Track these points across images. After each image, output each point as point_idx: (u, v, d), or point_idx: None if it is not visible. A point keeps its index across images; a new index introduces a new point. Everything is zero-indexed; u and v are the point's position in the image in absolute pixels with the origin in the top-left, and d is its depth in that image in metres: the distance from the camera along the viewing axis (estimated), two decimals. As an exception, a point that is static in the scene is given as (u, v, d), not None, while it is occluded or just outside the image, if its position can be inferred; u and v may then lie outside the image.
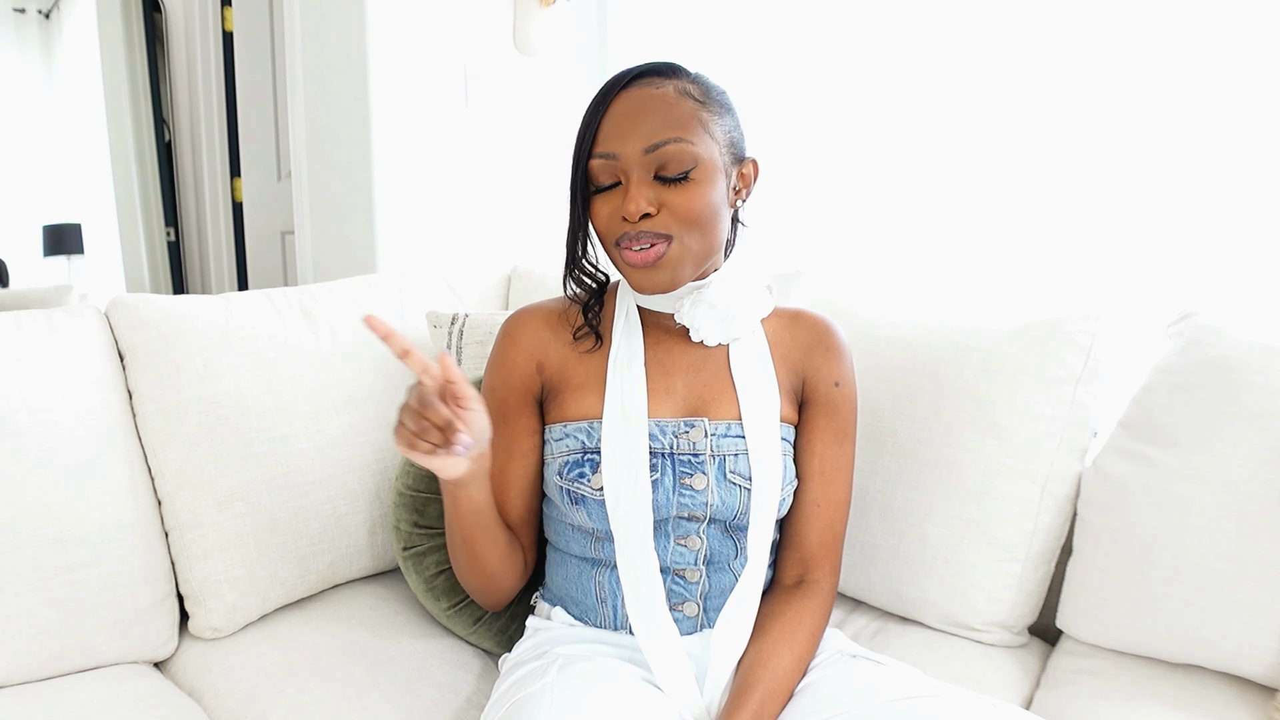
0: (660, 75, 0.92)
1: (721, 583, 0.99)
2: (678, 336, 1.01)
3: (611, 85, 0.92)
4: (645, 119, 0.89)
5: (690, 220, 0.90)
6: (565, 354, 1.01)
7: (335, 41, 2.09)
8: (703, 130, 0.90)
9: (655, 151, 0.89)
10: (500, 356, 1.04)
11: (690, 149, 0.89)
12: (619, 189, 0.91)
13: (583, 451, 0.97)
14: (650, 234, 0.90)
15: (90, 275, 4.37)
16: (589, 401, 0.99)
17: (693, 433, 0.96)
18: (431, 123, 2.11)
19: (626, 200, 0.89)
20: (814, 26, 1.86)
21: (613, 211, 0.91)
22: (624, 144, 0.89)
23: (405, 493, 1.20)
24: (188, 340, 1.24)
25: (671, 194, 0.90)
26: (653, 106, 0.89)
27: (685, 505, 0.95)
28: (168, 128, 3.73)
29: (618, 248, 0.93)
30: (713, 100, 0.93)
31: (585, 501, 0.95)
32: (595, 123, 0.91)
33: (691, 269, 0.93)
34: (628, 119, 0.90)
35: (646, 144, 0.89)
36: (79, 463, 1.14)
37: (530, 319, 1.04)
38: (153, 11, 3.69)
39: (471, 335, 1.40)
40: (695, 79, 0.93)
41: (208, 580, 1.20)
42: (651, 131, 0.89)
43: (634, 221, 0.90)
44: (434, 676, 1.12)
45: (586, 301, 1.02)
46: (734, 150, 0.95)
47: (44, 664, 1.10)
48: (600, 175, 0.92)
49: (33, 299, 3.46)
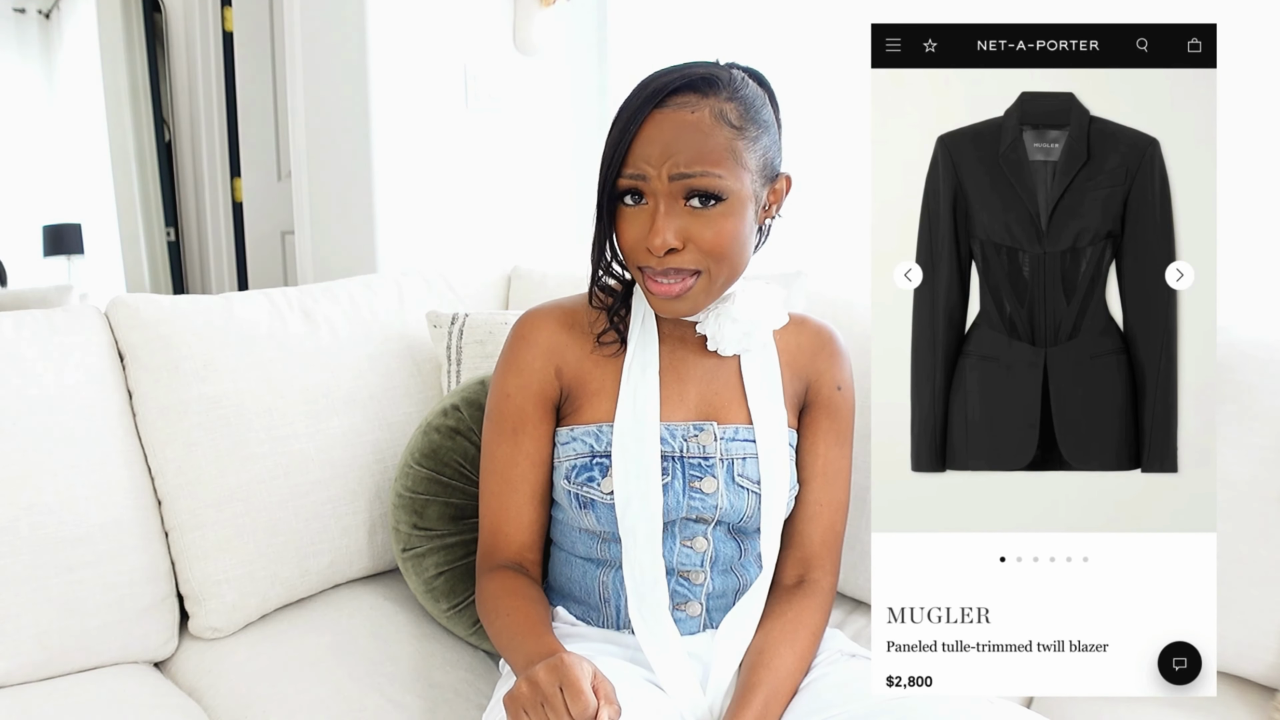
0: (698, 93, 0.87)
1: (725, 585, 0.98)
2: (693, 345, 1.00)
3: (646, 101, 0.87)
4: (677, 147, 0.86)
5: (718, 255, 0.89)
6: (582, 359, 1.00)
7: (335, 41, 2.09)
8: (735, 162, 0.88)
9: (683, 181, 0.87)
10: (516, 360, 1.01)
11: (720, 183, 0.87)
12: (646, 208, 0.89)
13: (591, 455, 0.96)
14: (676, 270, 0.89)
15: (90, 275, 4.37)
16: (602, 407, 0.98)
17: (702, 436, 0.96)
18: (431, 123, 2.11)
19: (652, 233, 0.87)
20: (814, 27, 1.86)
21: (639, 234, 0.89)
22: (652, 168, 0.87)
23: (404, 494, 1.20)
24: (188, 340, 1.24)
25: (699, 224, 0.88)
26: (686, 135, 0.86)
27: (694, 508, 0.95)
28: (168, 128, 3.73)
29: (641, 272, 0.92)
30: (750, 121, 0.89)
31: (595, 505, 0.95)
32: (626, 142, 0.88)
33: (717, 295, 0.93)
34: (658, 145, 0.87)
35: (674, 172, 0.86)
36: (79, 463, 1.14)
37: (546, 320, 1.01)
38: (153, 11, 3.69)
39: (471, 335, 1.40)
40: (735, 94, 0.89)
41: (208, 580, 1.20)
42: (682, 161, 0.86)
43: (659, 256, 0.88)
44: (434, 677, 1.12)
45: (612, 306, 1.00)
46: (767, 172, 0.92)
47: (44, 664, 1.10)
48: (628, 191, 0.90)
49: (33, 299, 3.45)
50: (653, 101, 0.87)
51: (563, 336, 1.00)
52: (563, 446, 0.98)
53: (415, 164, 2.10)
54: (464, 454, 1.18)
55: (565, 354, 1.00)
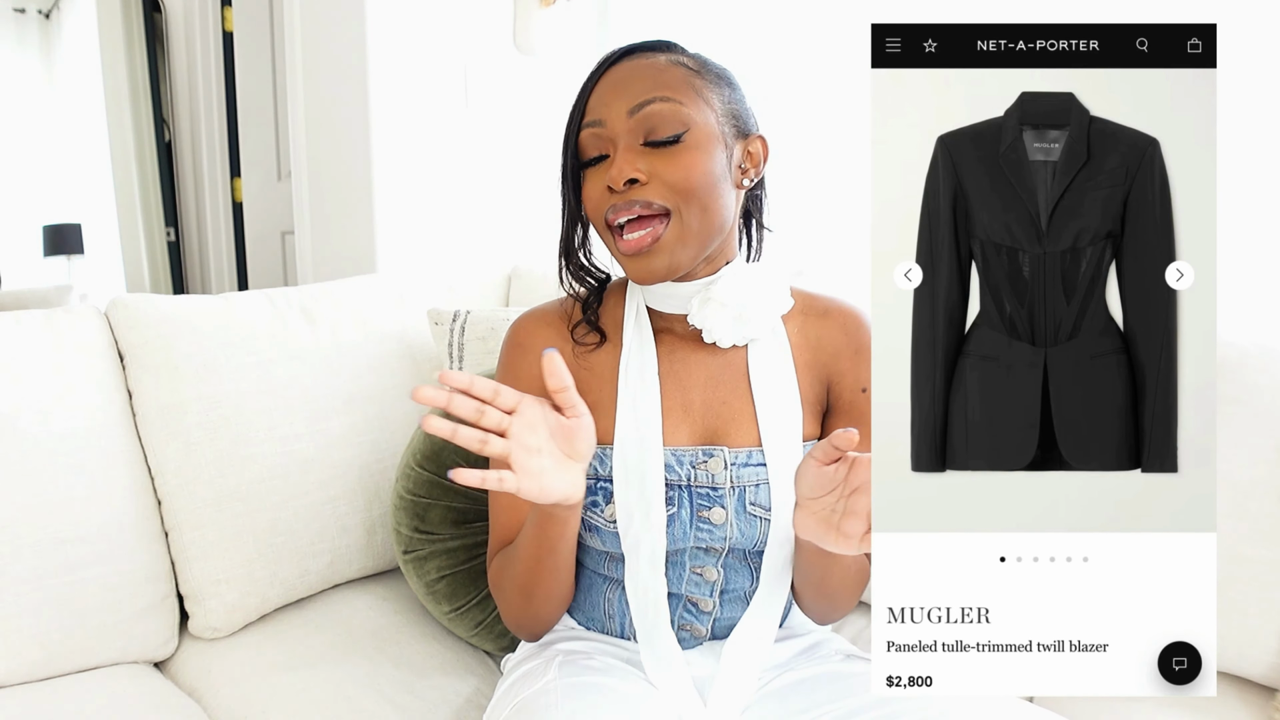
0: (654, 50, 0.89)
1: (735, 612, 0.95)
2: (693, 344, 0.94)
3: (604, 61, 0.89)
4: (633, 83, 0.86)
5: (685, 190, 0.84)
6: (577, 365, 0.95)
7: (335, 41, 2.09)
8: (695, 95, 0.86)
9: (641, 111, 0.84)
10: (514, 367, 0.97)
11: (680, 109, 0.84)
12: (606, 164, 0.87)
13: (595, 478, 0.91)
14: (641, 202, 0.84)
15: (90, 275, 4.37)
16: (602, 425, 0.91)
17: (711, 463, 0.90)
18: (431, 123, 2.11)
19: (612, 167, 0.85)
20: (814, 27, 1.86)
21: (602, 189, 0.86)
22: (609, 109, 0.86)
23: (405, 496, 1.20)
24: (188, 340, 1.24)
25: (662, 161, 0.84)
26: (641, 72, 0.87)
27: (702, 539, 0.91)
28: (168, 128, 3.73)
29: (611, 231, 0.87)
30: (709, 71, 0.89)
31: (599, 530, 0.92)
32: (585, 97, 0.89)
33: (694, 251, 0.87)
34: (615, 86, 0.87)
35: (632, 104, 0.85)
36: (79, 463, 1.14)
37: (537, 325, 0.97)
38: (153, 11, 3.69)
39: (473, 331, 1.40)
40: (693, 55, 0.90)
41: (207, 580, 1.20)
42: (638, 92, 0.85)
43: (620, 190, 0.84)
44: (434, 677, 1.12)
45: (586, 299, 0.96)
46: (736, 122, 0.89)
47: (44, 664, 1.10)
48: (589, 148, 0.88)
49: (33, 299, 3.46)
50: (608, 63, 0.89)
51: (557, 342, 0.96)
52: None
53: (415, 164, 2.11)
54: (467, 456, 1.18)
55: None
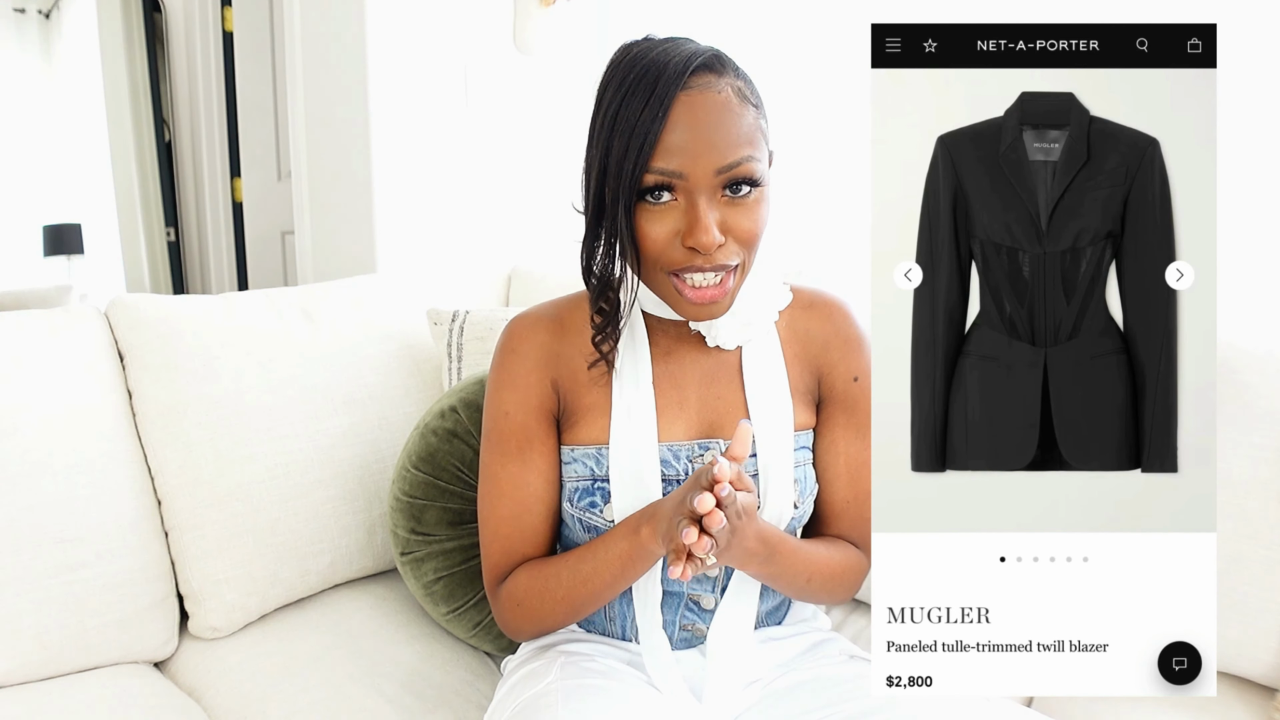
0: (713, 72, 0.81)
1: None
2: (689, 343, 0.94)
3: (668, 82, 0.79)
4: (718, 135, 0.79)
5: (752, 244, 0.84)
6: (575, 369, 0.93)
7: (335, 41, 2.09)
8: (763, 141, 0.83)
9: (730, 172, 0.80)
10: (510, 374, 0.94)
11: (758, 167, 0.82)
12: (672, 206, 0.81)
13: (592, 479, 0.92)
14: (723, 266, 0.83)
15: (90, 275, 4.37)
16: (599, 425, 0.92)
17: (707, 457, 0.91)
18: (431, 122, 2.11)
19: (698, 229, 0.80)
20: (814, 27, 1.86)
21: (669, 236, 0.82)
22: (694, 163, 0.79)
23: (401, 498, 1.19)
24: (188, 340, 1.24)
25: (736, 214, 0.82)
26: (724, 120, 0.80)
27: None
28: (168, 128, 3.73)
29: (672, 276, 0.84)
30: (759, 99, 0.85)
31: (599, 531, 0.92)
32: (655, 130, 0.78)
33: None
34: (698, 135, 0.79)
35: (721, 164, 0.79)
36: (79, 463, 1.14)
37: (534, 329, 0.95)
38: (153, 11, 3.69)
39: (472, 331, 1.40)
40: (738, 71, 0.84)
41: (207, 580, 1.20)
42: (727, 150, 0.80)
43: (709, 254, 0.81)
44: (434, 677, 1.12)
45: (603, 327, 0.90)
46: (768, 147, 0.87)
47: (44, 664, 1.10)
48: (654, 189, 0.81)
49: (33, 299, 3.46)
50: (675, 81, 0.79)
51: (554, 345, 0.94)
52: (565, 466, 0.94)
53: (415, 164, 2.11)
54: (461, 458, 1.18)
55: (559, 365, 0.94)
